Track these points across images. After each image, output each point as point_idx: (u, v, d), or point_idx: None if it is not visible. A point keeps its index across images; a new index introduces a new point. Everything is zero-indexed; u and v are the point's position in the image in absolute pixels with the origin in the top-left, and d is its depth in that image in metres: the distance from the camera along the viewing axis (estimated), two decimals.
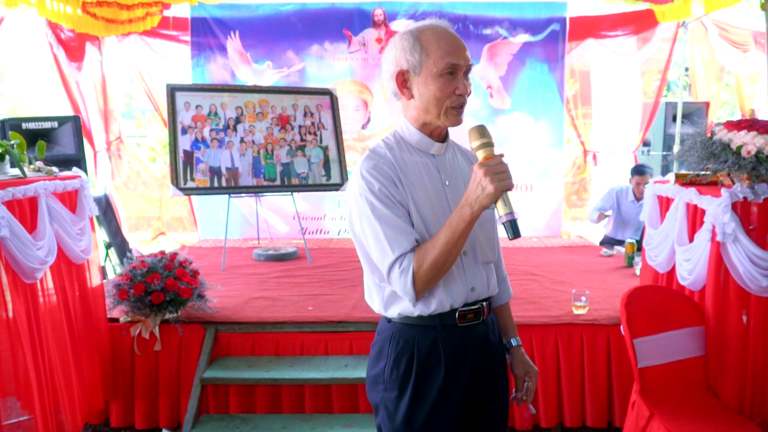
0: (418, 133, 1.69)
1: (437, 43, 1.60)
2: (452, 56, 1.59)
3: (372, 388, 1.78)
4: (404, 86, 1.65)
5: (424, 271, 1.56)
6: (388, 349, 1.71)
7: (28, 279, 2.75)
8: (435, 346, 1.68)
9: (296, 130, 5.29)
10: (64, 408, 2.98)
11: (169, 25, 6.23)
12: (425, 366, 1.68)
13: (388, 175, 1.61)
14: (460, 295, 1.68)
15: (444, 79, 1.60)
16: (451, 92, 1.61)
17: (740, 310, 2.73)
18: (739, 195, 2.67)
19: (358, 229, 1.64)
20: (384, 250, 1.58)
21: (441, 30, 1.63)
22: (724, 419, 2.62)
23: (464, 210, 1.52)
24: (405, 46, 1.62)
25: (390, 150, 1.68)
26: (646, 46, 6.38)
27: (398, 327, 1.71)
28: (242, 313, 3.70)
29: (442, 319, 1.68)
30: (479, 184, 1.48)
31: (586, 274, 4.67)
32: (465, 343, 1.71)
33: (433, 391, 1.68)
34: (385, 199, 1.59)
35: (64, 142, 5.00)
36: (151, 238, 6.93)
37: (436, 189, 1.68)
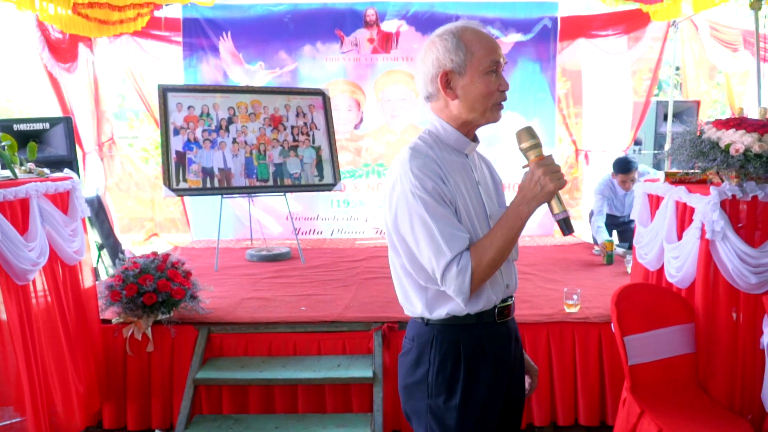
0: (456, 132, 1.71)
1: (479, 42, 1.64)
2: (495, 54, 1.65)
3: (410, 396, 1.75)
4: (447, 87, 1.67)
5: (483, 268, 1.57)
6: (430, 353, 1.69)
7: (20, 281, 2.75)
8: (479, 344, 1.69)
9: (289, 130, 5.30)
10: (58, 410, 2.98)
11: (160, 25, 6.22)
12: (472, 365, 1.68)
13: (437, 173, 1.62)
14: (501, 292, 1.73)
15: (489, 77, 1.64)
16: (495, 89, 1.65)
17: (729, 307, 2.75)
18: (728, 193, 2.69)
19: (406, 228, 1.62)
20: (440, 249, 1.57)
21: (478, 29, 1.67)
22: (714, 416, 2.63)
23: (521, 207, 1.59)
24: (448, 47, 1.64)
25: (431, 149, 1.68)
26: (637, 45, 6.41)
27: (438, 329, 1.69)
28: (235, 313, 3.70)
29: (482, 318, 1.69)
30: (538, 183, 1.57)
31: (578, 272, 4.69)
32: (503, 340, 1.75)
33: (482, 389, 1.69)
34: (438, 198, 1.59)
35: (55, 143, 4.99)
36: (143, 239, 6.91)
37: (472, 188, 1.71)
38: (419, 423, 1.73)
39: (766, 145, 2.66)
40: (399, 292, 1.77)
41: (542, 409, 3.44)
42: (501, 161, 6.45)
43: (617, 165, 5.20)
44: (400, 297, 1.77)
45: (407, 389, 1.75)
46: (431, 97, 1.72)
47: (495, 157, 6.40)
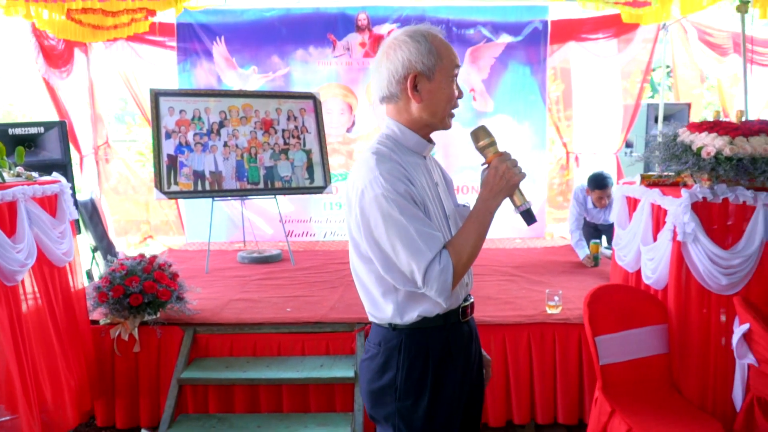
0: (415, 135, 1.72)
1: (447, 49, 1.68)
2: (457, 61, 1.70)
3: (378, 402, 1.75)
4: (415, 89, 1.66)
5: (463, 264, 1.61)
6: (399, 358, 1.70)
7: (8, 281, 2.82)
8: (446, 345, 1.72)
9: (280, 133, 5.35)
10: (50, 407, 3.04)
11: (155, 31, 6.28)
12: (440, 367, 1.71)
13: (405, 175, 1.62)
14: (464, 291, 1.78)
15: (453, 84, 1.69)
16: (457, 95, 1.71)
17: (701, 308, 2.80)
18: (699, 195, 2.74)
19: (380, 233, 1.60)
20: (419, 250, 1.57)
21: (441, 35, 1.70)
22: (685, 415, 2.68)
23: (489, 203, 1.64)
24: (421, 50, 1.64)
25: (393, 152, 1.67)
26: (627, 48, 6.45)
27: (406, 333, 1.70)
28: (221, 314, 3.76)
29: (448, 318, 1.72)
30: (503, 177, 1.63)
31: (564, 274, 4.73)
32: (467, 338, 1.80)
33: (449, 389, 1.72)
34: (410, 200, 1.60)
35: (50, 147, 5.05)
36: (139, 241, 6.98)
37: (432, 188, 1.74)
38: (386, 426, 1.75)
39: (737, 148, 2.71)
40: (366, 299, 1.76)
41: (522, 408, 3.49)
42: None
43: (592, 181, 4.98)
44: (367, 304, 1.76)
45: (373, 394, 1.75)
46: (391, 98, 1.70)
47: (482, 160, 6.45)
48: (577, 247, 5.12)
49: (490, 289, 4.25)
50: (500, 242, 6.32)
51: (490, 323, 3.50)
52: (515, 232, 6.63)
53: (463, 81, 6.46)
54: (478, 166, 6.05)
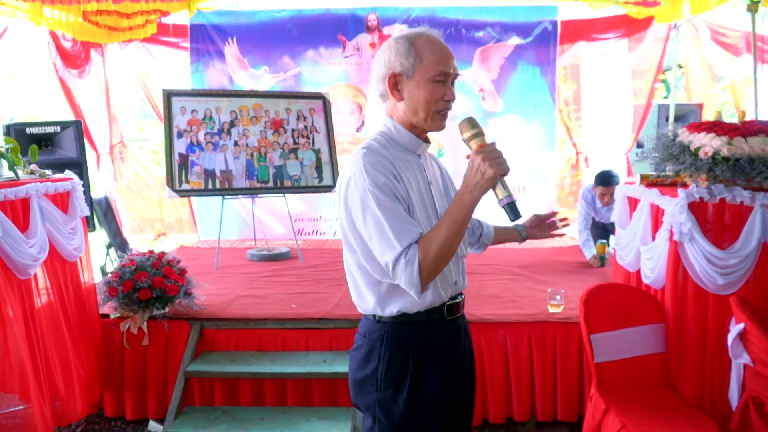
0: (409, 134, 1.77)
1: (431, 51, 1.69)
2: (444, 64, 1.69)
3: (360, 391, 1.80)
4: (395, 89, 1.73)
5: (430, 259, 1.59)
6: (380, 349, 1.74)
7: (21, 275, 2.92)
8: (428, 341, 1.75)
9: (289, 133, 5.43)
10: (61, 398, 3.13)
11: (169, 32, 6.39)
12: (421, 362, 1.74)
13: (390, 170, 1.66)
14: (449, 289, 1.78)
15: (435, 85, 1.69)
16: (439, 98, 1.70)
17: (698, 307, 2.82)
18: (695, 195, 2.76)
19: (360, 224, 1.65)
20: (390, 243, 1.60)
21: (434, 38, 1.72)
22: (680, 413, 2.70)
23: (465, 197, 1.58)
24: (400, 50, 1.70)
25: (384, 148, 1.72)
26: (638, 48, 6.43)
27: (389, 326, 1.74)
28: (228, 310, 3.84)
29: (431, 315, 1.75)
30: (478, 170, 1.56)
31: (569, 274, 4.76)
32: (453, 336, 1.81)
33: (429, 385, 1.74)
34: (390, 194, 1.63)
35: (66, 146, 5.18)
36: (153, 239, 7.09)
37: (424, 187, 1.77)
38: (368, 416, 1.79)
39: (734, 149, 2.72)
40: (352, 290, 1.81)
41: (522, 405, 3.52)
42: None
43: (598, 177, 5.05)
44: (353, 294, 1.82)
45: (357, 383, 1.81)
46: (383, 96, 1.78)
47: None
48: (584, 247, 5.13)
49: (494, 288, 4.28)
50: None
51: (491, 321, 3.54)
52: None
53: (472, 81, 6.51)
54: None
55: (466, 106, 6.47)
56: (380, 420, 1.76)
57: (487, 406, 3.55)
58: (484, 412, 3.55)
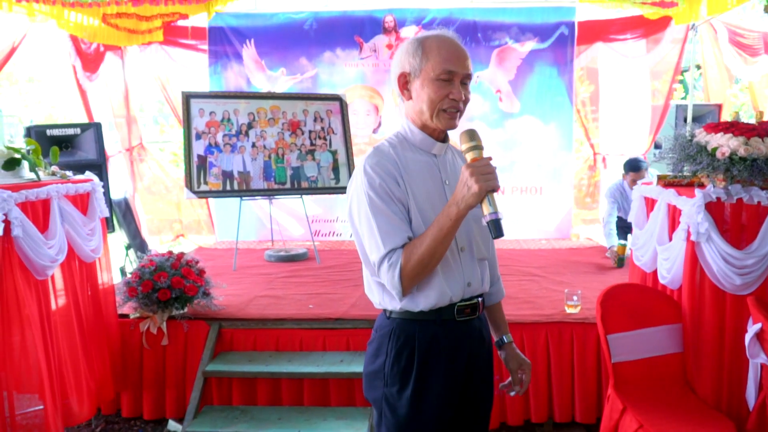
0: (421, 133, 1.77)
1: (438, 50, 1.69)
2: (450, 63, 1.68)
3: (370, 385, 1.81)
4: (405, 88, 1.76)
5: (411, 266, 1.62)
6: (388, 344, 1.75)
7: (39, 276, 2.95)
8: (435, 340, 1.74)
9: (306, 135, 5.46)
10: (73, 398, 3.17)
11: (187, 34, 6.46)
12: (426, 360, 1.73)
13: (390, 171, 1.68)
14: (458, 289, 1.75)
15: (439, 83, 1.69)
16: (444, 96, 1.69)
17: (716, 308, 2.80)
18: (713, 195, 2.75)
19: (357, 222, 1.71)
20: (377, 244, 1.64)
21: (445, 38, 1.72)
22: (698, 413, 2.69)
23: (451, 209, 1.58)
24: (410, 50, 1.73)
25: (393, 148, 1.75)
26: (656, 49, 6.39)
27: (398, 322, 1.75)
28: (246, 310, 3.87)
29: (441, 314, 1.74)
30: (465, 184, 1.55)
31: (587, 275, 4.75)
32: (462, 338, 1.78)
33: (435, 384, 1.74)
34: (384, 195, 1.65)
35: (86, 147, 5.24)
36: (171, 240, 7.17)
37: (436, 187, 1.75)
38: (376, 410, 1.82)
39: (751, 149, 2.71)
40: (365, 282, 1.85)
41: (540, 407, 3.52)
42: (519, 164, 6.54)
43: (628, 164, 5.31)
44: (365, 288, 1.85)
45: (368, 377, 1.83)
46: (399, 96, 1.81)
47: (513, 160, 6.49)
48: (607, 236, 5.24)
49: (511, 288, 4.26)
50: (525, 243, 6.33)
51: (509, 322, 3.48)
52: (541, 233, 6.64)
53: (489, 82, 6.51)
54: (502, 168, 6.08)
55: (483, 107, 6.48)
56: (386, 415, 1.77)
57: (505, 408, 3.55)
58: (503, 414, 3.55)
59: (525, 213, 6.64)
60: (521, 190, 6.61)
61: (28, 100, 12.22)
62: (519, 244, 6.24)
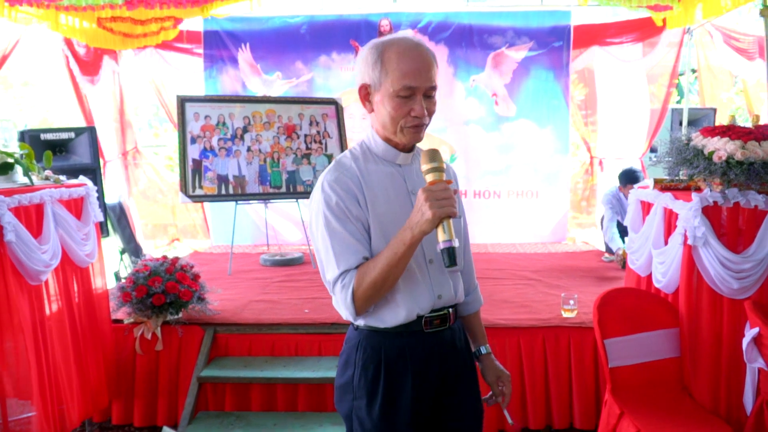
0: (384, 144, 1.68)
1: (397, 63, 1.57)
2: (409, 78, 1.57)
3: (341, 398, 1.76)
4: (366, 99, 1.65)
5: (363, 289, 1.57)
6: (356, 356, 1.71)
7: (33, 281, 2.93)
8: (402, 352, 1.69)
9: (302, 138, 5.45)
10: (66, 404, 3.14)
11: (182, 38, 6.44)
12: (393, 372, 1.69)
13: (348, 188, 1.62)
14: (427, 303, 1.69)
15: (399, 101, 1.58)
16: (406, 113, 1.59)
17: (713, 312, 2.80)
18: (710, 199, 2.75)
19: (314, 240, 1.67)
20: (330, 264, 1.60)
21: (405, 48, 1.59)
22: (695, 418, 2.68)
23: (405, 233, 1.52)
24: (368, 61, 1.61)
25: (355, 161, 1.68)
26: (652, 52, 6.40)
27: (366, 334, 1.71)
28: (241, 315, 3.85)
29: (408, 326, 1.68)
30: (420, 209, 1.48)
31: (583, 279, 4.74)
32: (432, 349, 1.72)
33: (403, 397, 1.68)
34: (340, 214, 1.60)
35: (80, 152, 5.24)
36: (166, 244, 7.14)
37: (400, 199, 1.68)
38: (346, 424, 1.77)
39: (748, 153, 2.70)
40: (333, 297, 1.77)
41: (538, 413, 3.51)
42: (515, 167, 6.53)
43: (624, 176, 5.24)
44: (333, 300, 1.74)
45: (338, 390, 1.78)
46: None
47: (508, 164, 6.47)
48: (612, 242, 5.20)
49: (507, 293, 4.28)
50: (521, 247, 6.32)
51: (505, 326, 3.53)
52: (537, 237, 6.63)
53: (485, 85, 6.50)
54: (498, 171, 6.07)
55: (479, 111, 6.46)
56: (356, 429, 1.73)
57: (502, 416, 3.52)
58: (500, 422, 3.52)
59: (521, 217, 6.64)
60: (517, 193, 6.60)
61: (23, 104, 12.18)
62: (515, 248, 6.24)
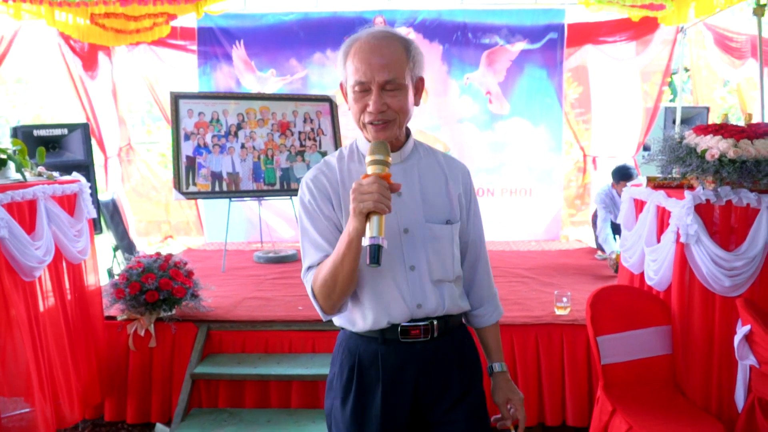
0: (367, 142, 1.64)
1: (353, 58, 1.55)
2: (360, 73, 1.54)
3: (326, 395, 1.78)
4: (345, 97, 1.65)
5: (318, 287, 1.57)
6: (338, 356, 1.72)
7: (27, 277, 2.92)
8: (375, 359, 1.66)
9: (296, 135, 5.45)
10: (62, 401, 3.14)
11: (176, 35, 6.43)
12: (365, 377, 1.67)
13: (323, 187, 1.64)
14: (401, 311, 1.63)
15: (356, 95, 1.57)
16: (363, 108, 1.57)
17: (705, 309, 2.81)
18: (702, 197, 2.76)
19: None
20: (303, 259, 1.65)
21: (363, 43, 1.56)
22: (687, 415, 2.69)
23: (344, 232, 1.50)
24: (339, 58, 1.61)
25: (340, 160, 1.70)
26: (645, 51, 6.43)
27: (347, 335, 1.71)
28: (235, 312, 3.85)
29: (383, 333, 1.65)
30: (353, 200, 1.45)
31: (576, 276, 4.76)
32: (407, 359, 1.66)
33: (374, 403, 1.66)
34: (312, 212, 1.63)
35: (73, 148, 5.21)
36: (160, 241, 7.12)
37: None
38: (326, 422, 1.78)
39: (740, 151, 2.72)
40: None
41: (530, 410, 3.51)
42: (508, 166, 6.54)
43: (618, 173, 5.28)
44: None
45: (326, 386, 1.80)
46: None
47: (502, 162, 6.48)
48: (606, 243, 5.22)
49: (500, 290, 4.16)
50: (515, 244, 6.34)
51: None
52: (531, 235, 6.65)
53: (479, 84, 6.51)
54: (492, 169, 6.07)
55: (473, 109, 6.47)
56: (330, 428, 1.75)
57: (495, 412, 3.53)
58: None
59: (514, 215, 6.65)
60: (511, 191, 6.61)
61: (16, 101, 12.13)
62: (508, 246, 6.25)
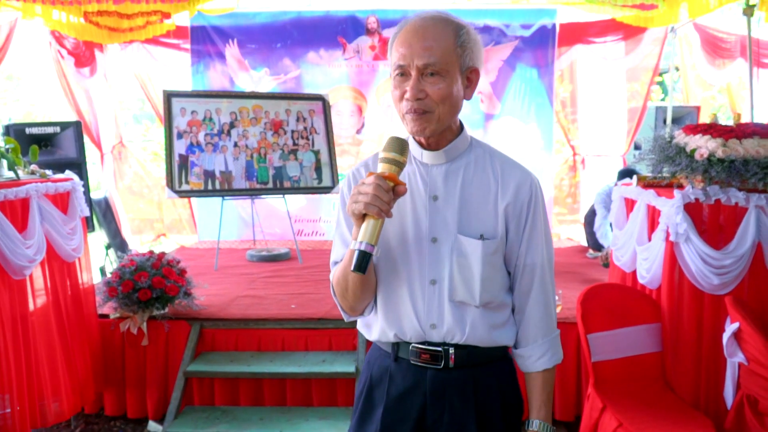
0: (413, 141, 1.53)
1: (397, 41, 1.41)
2: (400, 56, 1.40)
3: None
4: None
5: (334, 285, 1.55)
6: (365, 362, 1.69)
7: (15, 275, 2.92)
8: (384, 374, 1.58)
9: (289, 134, 5.45)
10: (48, 398, 3.13)
11: (169, 33, 6.39)
12: (372, 391, 1.61)
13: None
14: (412, 328, 1.51)
15: (395, 81, 1.43)
16: (401, 95, 1.41)
17: (694, 307, 2.84)
18: (691, 196, 2.79)
19: None
20: (331, 253, 1.63)
21: (411, 26, 1.41)
22: (676, 412, 2.72)
23: None
24: (389, 45, 1.47)
25: None
26: (635, 51, 6.46)
27: (373, 345, 1.66)
28: (227, 310, 3.86)
29: (397, 350, 1.56)
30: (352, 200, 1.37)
31: (567, 275, 4.78)
32: (415, 385, 1.54)
33: (375, 420, 1.58)
34: (344, 206, 1.56)
35: (66, 146, 5.19)
36: (152, 239, 7.11)
37: (414, 202, 1.51)
38: None
39: (729, 150, 2.75)
40: None
41: None
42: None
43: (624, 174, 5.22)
44: None
45: None
46: None
47: None
48: (605, 238, 5.19)
49: None
50: None
51: None
52: None
53: None
54: None
55: (464, 108, 6.40)
56: None
57: None
58: None
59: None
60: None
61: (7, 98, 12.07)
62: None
